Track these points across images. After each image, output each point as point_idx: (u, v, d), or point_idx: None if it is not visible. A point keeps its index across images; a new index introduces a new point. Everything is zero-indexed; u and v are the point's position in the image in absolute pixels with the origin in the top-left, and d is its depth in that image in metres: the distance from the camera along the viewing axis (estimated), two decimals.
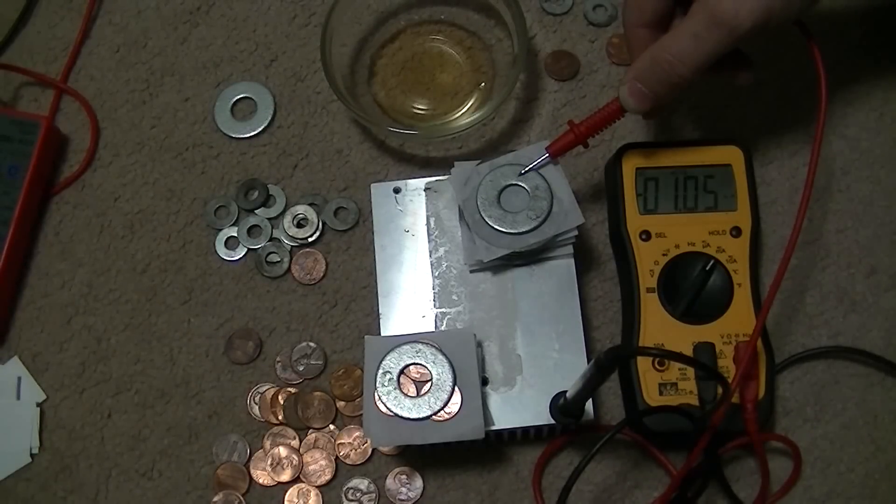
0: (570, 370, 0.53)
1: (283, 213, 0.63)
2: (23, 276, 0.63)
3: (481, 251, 0.53)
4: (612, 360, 0.44)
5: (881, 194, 0.62)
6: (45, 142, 0.63)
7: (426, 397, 0.51)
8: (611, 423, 0.58)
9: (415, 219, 0.57)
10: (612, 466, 0.58)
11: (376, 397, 0.51)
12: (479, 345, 0.53)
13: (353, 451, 0.58)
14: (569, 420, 0.52)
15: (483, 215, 0.53)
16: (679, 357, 0.45)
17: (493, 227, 0.53)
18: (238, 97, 0.66)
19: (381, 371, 0.51)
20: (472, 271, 0.56)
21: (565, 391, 0.51)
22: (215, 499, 0.58)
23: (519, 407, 0.53)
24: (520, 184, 0.54)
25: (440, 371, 0.51)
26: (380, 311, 0.55)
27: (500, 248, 0.53)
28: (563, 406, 0.52)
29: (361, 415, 0.59)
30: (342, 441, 0.58)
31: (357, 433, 0.58)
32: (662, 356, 0.44)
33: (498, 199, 0.54)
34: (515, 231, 0.53)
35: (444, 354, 0.51)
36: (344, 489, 0.58)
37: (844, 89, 0.64)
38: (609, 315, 0.60)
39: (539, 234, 0.53)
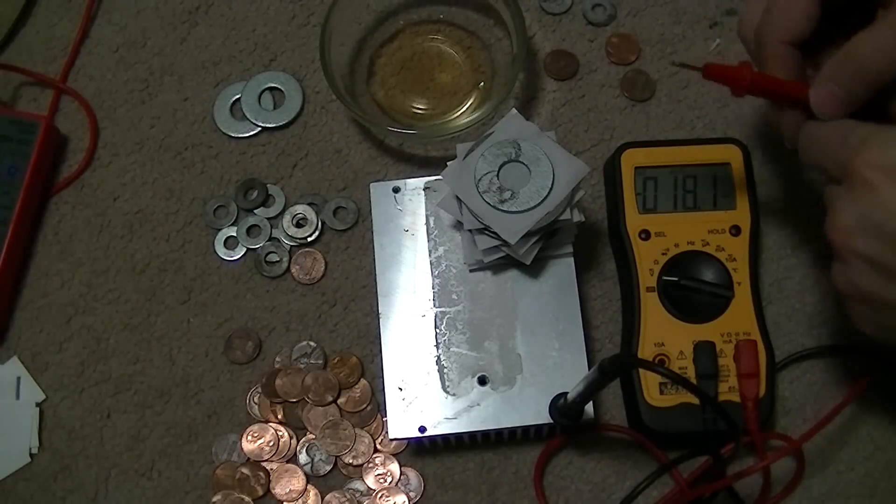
0: (570, 369, 0.53)
1: (282, 213, 0.63)
2: (22, 275, 0.63)
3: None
4: (616, 368, 0.44)
5: None
6: (45, 142, 0.63)
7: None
8: (610, 423, 0.58)
9: (414, 218, 0.57)
10: (611, 466, 0.58)
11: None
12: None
13: (354, 453, 0.58)
14: (568, 421, 0.52)
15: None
16: (685, 383, 0.44)
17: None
18: (236, 96, 0.66)
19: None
20: (471, 270, 0.56)
21: (565, 392, 0.51)
22: (215, 499, 0.58)
23: (519, 406, 0.53)
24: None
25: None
26: (379, 311, 0.55)
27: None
28: (562, 407, 0.52)
29: (361, 411, 0.59)
30: (343, 443, 0.58)
31: (357, 431, 0.58)
32: (667, 376, 0.43)
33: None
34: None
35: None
36: (344, 489, 0.58)
37: None
38: (609, 314, 0.60)
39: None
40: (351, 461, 0.58)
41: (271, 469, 0.58)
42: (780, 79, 0.47)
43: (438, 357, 0.54)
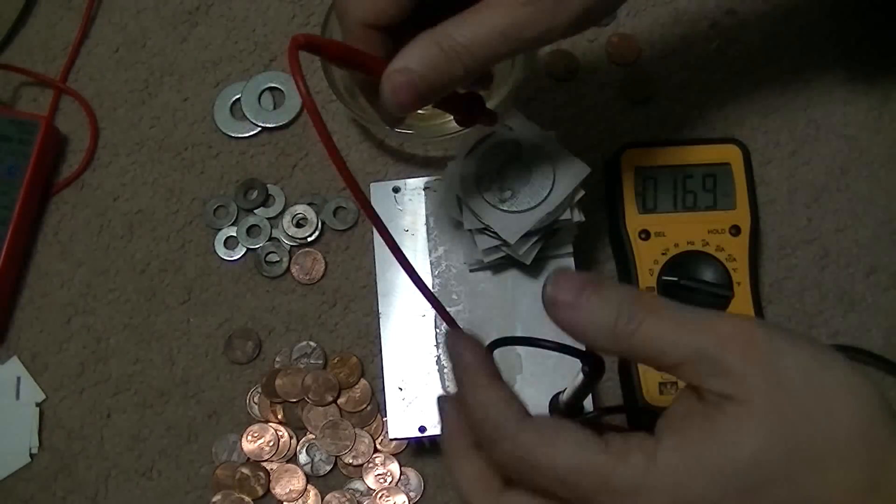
0: (569, 369, 0.53)
1: (282, 213, 0.63)
2: (22, 275, 0.63)
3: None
4: (593, 368, 0.43)
5: (880, 193, 0.62)
6: (45, 142, 0.63)
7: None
8: (610, 423, 0.58)
9: (414, 218, 0.57)
10: None
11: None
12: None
13: (354, 453, 0.58)
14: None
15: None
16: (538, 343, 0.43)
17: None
18: (235, 96, 0.66)
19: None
20: (471, 270, 0.56)
21: (564, 390, 0.51)
22: (214, 499, 0.58)
23: None
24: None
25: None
26: (379, 311, 0.55)
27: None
28: (555, 408, 0.52)
29: (361, 411, 0.59)
30: (343, 443, 0.58)
31: (356, 431, 0.58)
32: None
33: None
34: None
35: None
36: (344, 489, 0.58)
37: (843, 89, 0.64)
38: None
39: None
40: (351, 461, 0.58)
41: (271, 469, 0.58)
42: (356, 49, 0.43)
43: (438, 357, 0.54)
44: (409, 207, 0.57)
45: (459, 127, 0.60)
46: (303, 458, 0.58)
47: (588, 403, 0.52)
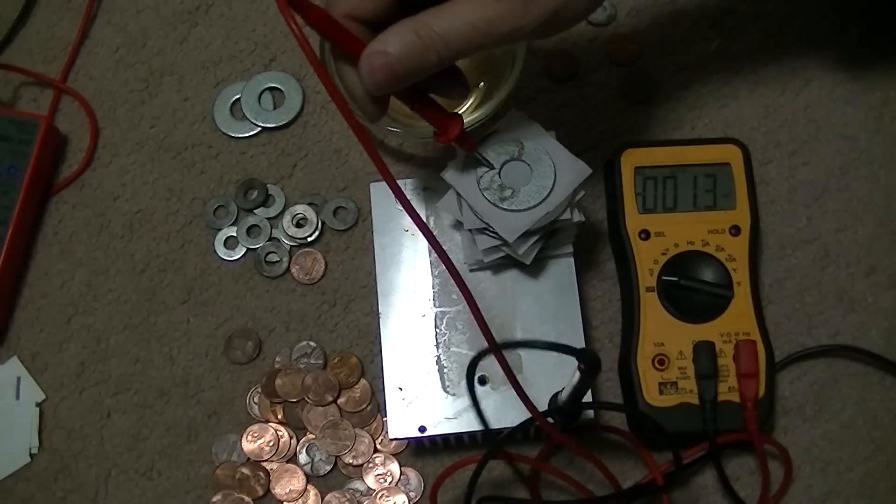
0: (569, 369, 0.53)
1: (282, 213, 0.63)
2: (22, 275, 0.63)
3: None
4: (589, 367, 0.44)
5: (880, 193, 0.62)
6: (45, 141, 0.63)
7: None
8: (609, 423, 0.58)
9: None
10: (612, 466, 0.57)
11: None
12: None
13: (354, 453, 0.58)
14: (566, 420, 0.52)
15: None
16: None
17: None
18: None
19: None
20: (471, 270, 0.56)
21: (563, 389, 0.51)
22: (214, 499, 0.58)
23: (519, 406, 0.52)
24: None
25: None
26: (379, 311, 0.55)
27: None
28: (558, 406, 0.52)
29: (361, 411, 0.59)
30: (343, 443, 0.58)
31: (357, 431, 0.58)
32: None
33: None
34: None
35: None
36: (344, 489, 0.58)
37: (843, 88, 0.64)
38: (609, 314, 0.60)
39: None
40: (351, 461, 0.58)
41: (271, 469, 0.58)
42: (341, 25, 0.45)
43: (438, 357, 0.54)
44: None
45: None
46: (303, 458, 0.58)
47: (588, 401, 0.52)
